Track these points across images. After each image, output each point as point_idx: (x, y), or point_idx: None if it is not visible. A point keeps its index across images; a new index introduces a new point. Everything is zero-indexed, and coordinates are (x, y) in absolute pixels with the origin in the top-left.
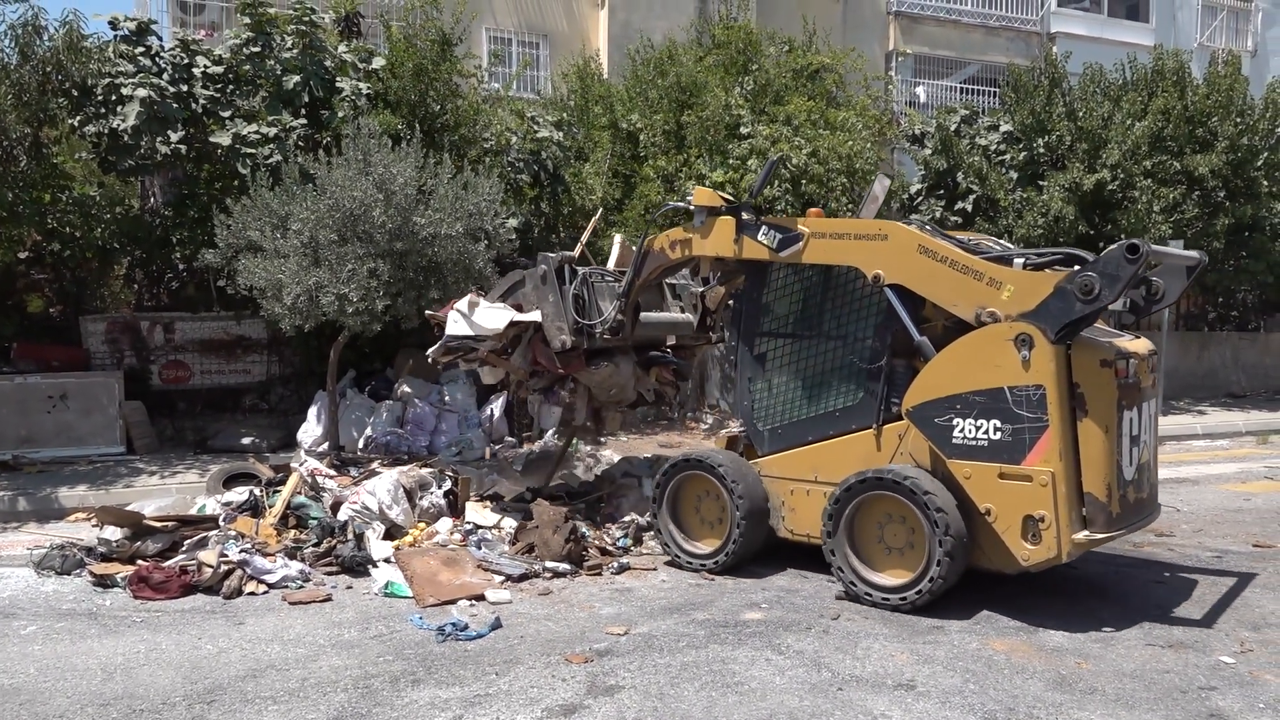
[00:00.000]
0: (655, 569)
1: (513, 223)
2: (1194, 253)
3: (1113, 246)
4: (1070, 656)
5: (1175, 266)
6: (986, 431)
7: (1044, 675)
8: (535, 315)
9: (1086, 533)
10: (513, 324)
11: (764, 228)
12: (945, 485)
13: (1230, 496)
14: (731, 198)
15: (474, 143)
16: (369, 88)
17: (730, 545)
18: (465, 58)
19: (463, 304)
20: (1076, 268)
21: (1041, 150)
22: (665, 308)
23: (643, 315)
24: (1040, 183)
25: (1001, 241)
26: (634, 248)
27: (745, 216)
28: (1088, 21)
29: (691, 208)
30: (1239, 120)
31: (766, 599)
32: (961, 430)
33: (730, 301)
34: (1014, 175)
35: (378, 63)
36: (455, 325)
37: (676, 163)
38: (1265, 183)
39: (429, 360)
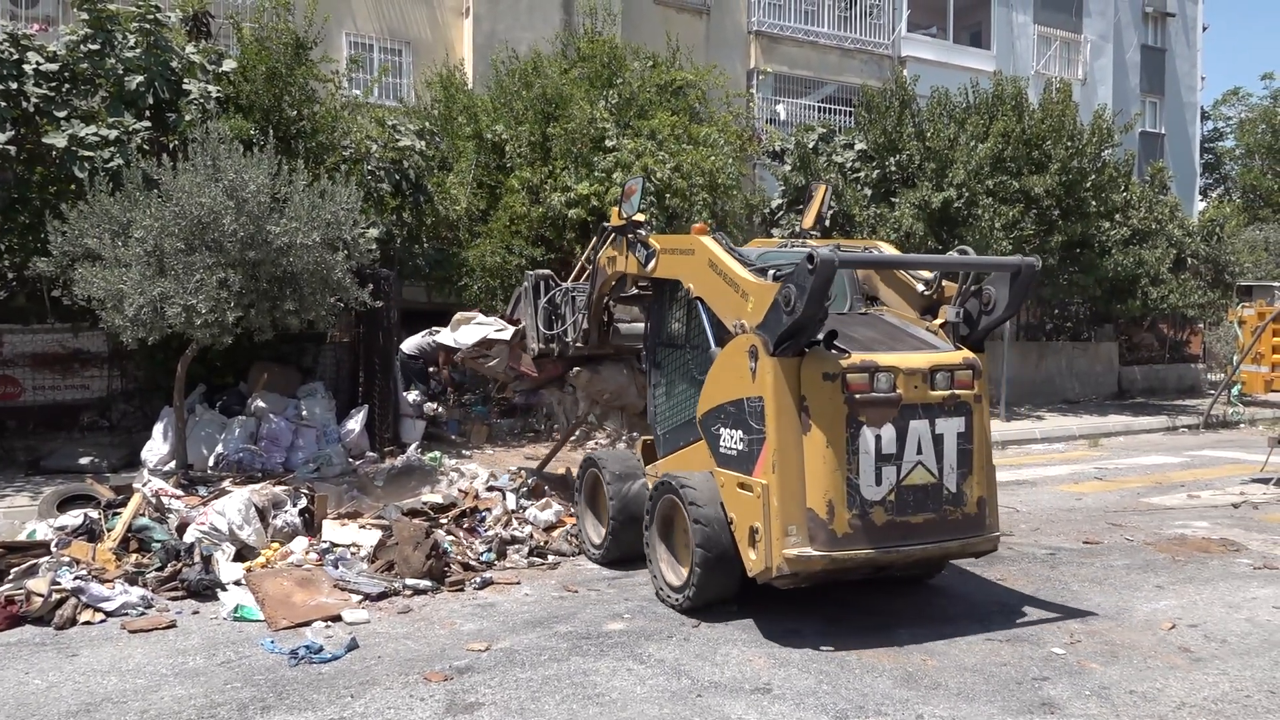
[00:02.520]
0: (519, 583)
1: (373, 232)
2: (1009, 259)
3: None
4: (917, 654)
5: (1002, 277)
6: (735, 442)
7: (892, 673)
8: (506, 334)
9: (806, 549)
10: (484, 340)
11: (638, 245)
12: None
13: (1064, 497)
14: (637, 217)
15: (332, 150)
16: (219, 91)
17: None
18: (322, 62)
19: (456, 318)
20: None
21: (893, 168)
22: None
23: (620, 326)
24: (892, 199)
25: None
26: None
27: (631, 235)
28: (935, 47)
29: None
30: (1070, 144)
31: (630, 609)
32: (724, 440)
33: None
34: (868, 192)
35: (228, 65)
36: (442, 336)
37: (542, 174)
38: (1094, 203)
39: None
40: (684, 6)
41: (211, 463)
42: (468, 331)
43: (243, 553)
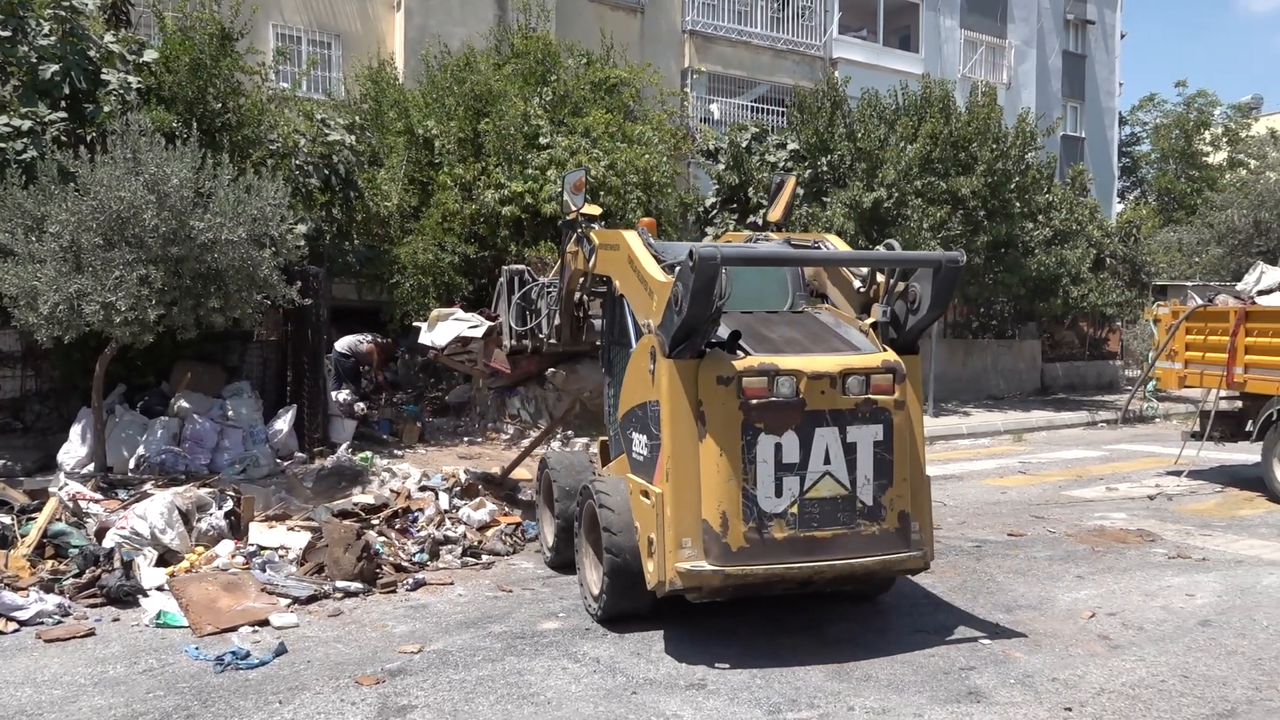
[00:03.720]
0: (452, 583)
1: (301, 228)
2: (930, 254)
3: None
4: (849, 647)
5: (926, 274)
6: (642, 447)
7: (824, 667)
8: (480, 330)
9: (700, 564)
10: (459, 338)
11: (584, 240)
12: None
13: (990, 491)
14: (587, 209)
15: (258, 144)
16: (140, 82)
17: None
18: (248, 54)
19: (433, 315)
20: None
21: (825, 168)
22: None
23: (596, 323)
24: (824, 199)
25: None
26: None
27: (580, 230)
28: (865, 49)
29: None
30: (995, 146)
31: (565, 608)
32: (634, 444)
33: None
34: (800, 191)
35: (150, 55)
36: (421, 335)
37: (474, 171)
38: (1017, 204)
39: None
40: (618, 4)
41: (132, 465)
42: (443, 330)
43: (166, 557)
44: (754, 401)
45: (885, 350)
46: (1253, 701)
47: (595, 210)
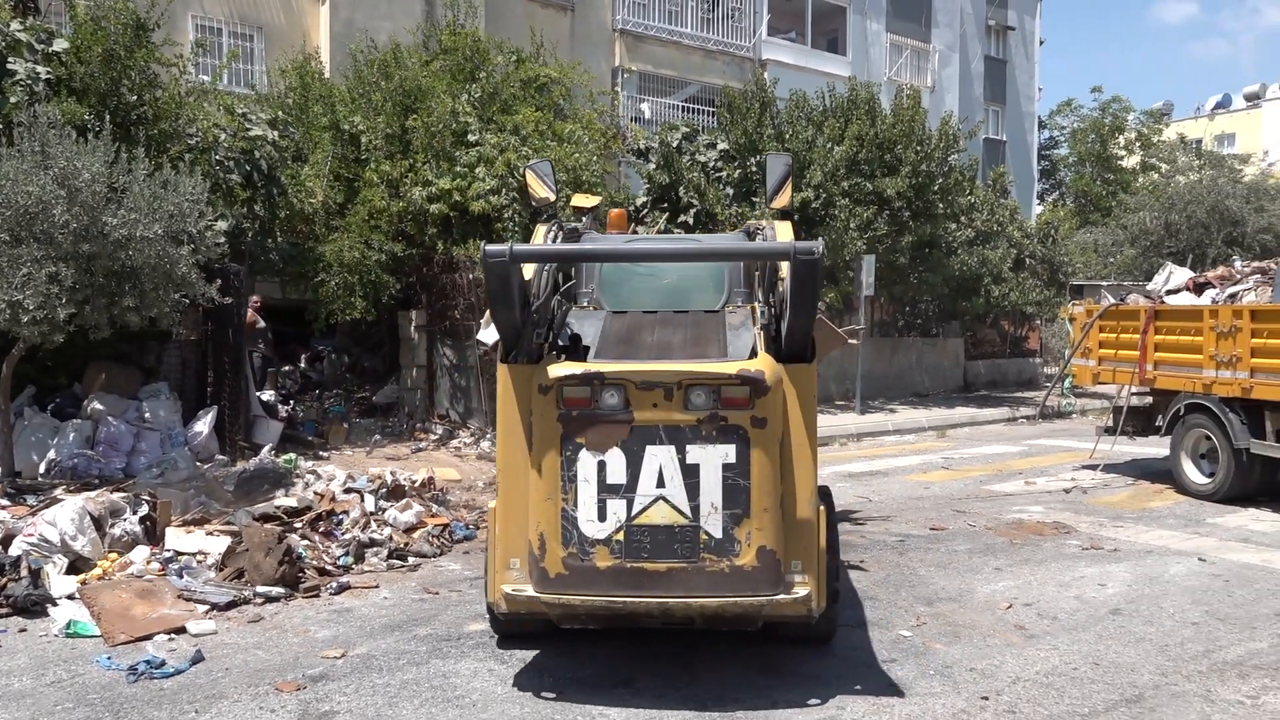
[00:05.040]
0: (377, 586)
1: (221, 225)
2: (775, 245)
3: None
4: (775, 642)
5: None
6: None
7: (753, 662)
8: None
9: (523, 588)
10: None
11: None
12: None
13: (913, 486)
14: (540, 195)
15: (176, 138)
16: (49, 72)
17: None
18: (165, 45)
19: (487, 316)
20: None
21: (754, 168)
22: None
23: None
24: (753, 199)
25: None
26: None
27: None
28: (794, 51)
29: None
30: (919, 148)
31: None
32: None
33: None
34: (730, 191)
35: (60, 44)
36: (480, 332)
37: (401, 168)
38: (941, 205)
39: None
40: (548, 2)
41: (43, 470)
42: (487, 332)
43: (77, 565)
44: (574, 413)
45: (758, 359)
46: (1159, 686)
47: (547, 195)
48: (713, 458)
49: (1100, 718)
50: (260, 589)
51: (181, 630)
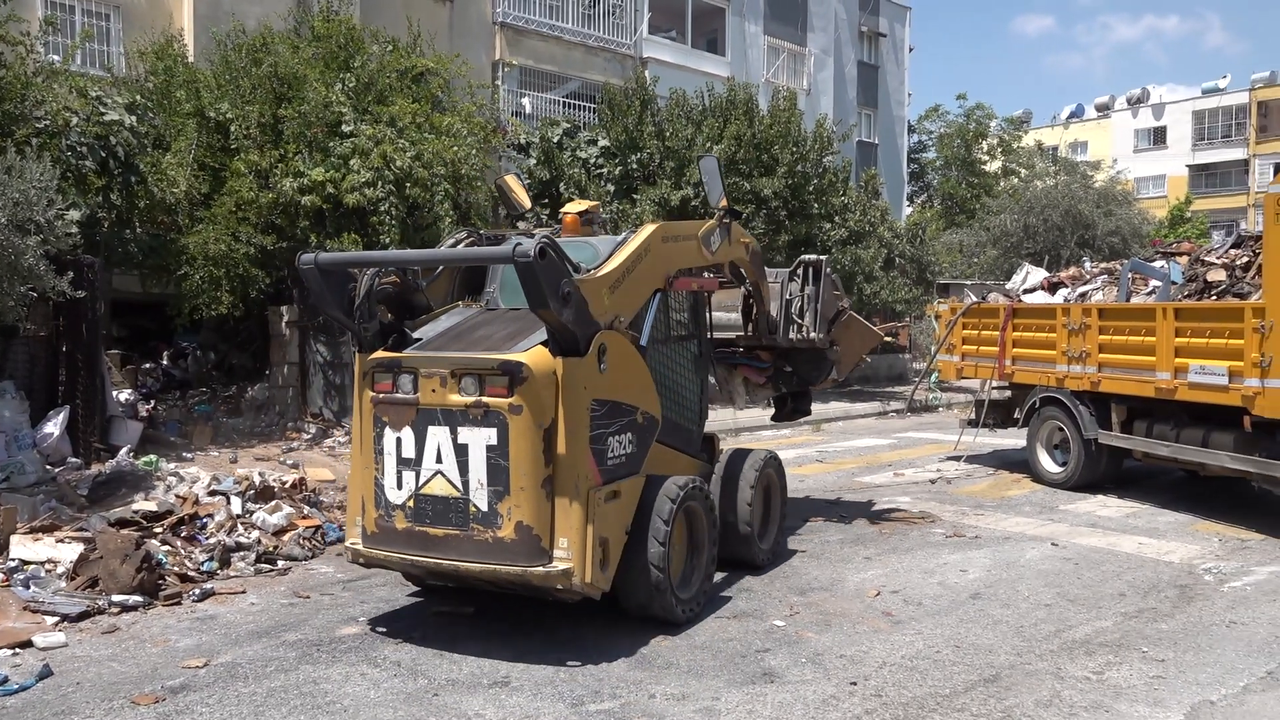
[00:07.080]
0: (244, 592)
1: (74, 214)
2: (497, 249)
3: None
4: (652, 636)
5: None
6: None
7: (628, 656)
8: None
9: (356, 542)
10: None
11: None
12: None
13: (790, 479)
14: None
15: (23, 121)
16: None
17: None
18: (10, 21)
19: None
20: None
21: (635, 166)
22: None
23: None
24: (634, 196)
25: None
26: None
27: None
28: (674, 50)
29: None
30: (795, 149)
31: (365, 612)
32: None
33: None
34: (611, 188)
35: None
36: None
37: (272, 158)
38: (816, 205)
39: None
40: None
41: None
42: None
43: None
44: (380, 396)
45: (529, 352)
46: (1014, 666)
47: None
48: (478, 439)
49: (960, 697)
50: (116, 598)
51: (28, 644)
